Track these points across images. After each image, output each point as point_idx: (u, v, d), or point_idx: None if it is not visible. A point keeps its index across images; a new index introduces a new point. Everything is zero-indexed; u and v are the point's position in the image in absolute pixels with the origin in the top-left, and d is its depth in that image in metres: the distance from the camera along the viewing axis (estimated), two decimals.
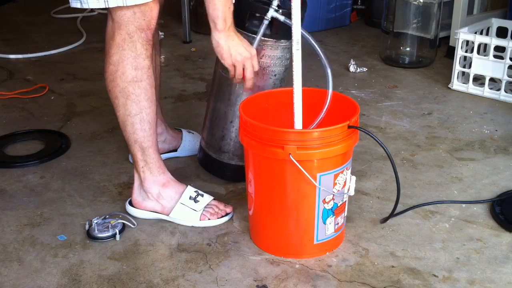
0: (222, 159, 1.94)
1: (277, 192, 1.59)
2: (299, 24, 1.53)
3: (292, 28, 1.53)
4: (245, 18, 1.74)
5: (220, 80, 1.86)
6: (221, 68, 1.83)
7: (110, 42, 1.65)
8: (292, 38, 1.54)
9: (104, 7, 1.59)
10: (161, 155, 1.83)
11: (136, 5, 1.59)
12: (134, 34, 1.62)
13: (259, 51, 1.76)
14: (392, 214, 1.73)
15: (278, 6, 1.72)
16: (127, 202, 1.83)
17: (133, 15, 1.60)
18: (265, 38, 1.74)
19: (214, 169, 1.99)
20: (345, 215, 1.68)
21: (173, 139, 2.13)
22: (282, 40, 1.76)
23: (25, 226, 1.78)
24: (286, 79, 1.85)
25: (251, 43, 1.73)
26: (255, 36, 1.74)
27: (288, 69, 1.84)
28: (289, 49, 1.79)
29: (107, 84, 1.68)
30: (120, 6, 1.58)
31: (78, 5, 1.61)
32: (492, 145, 2.24)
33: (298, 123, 1.59)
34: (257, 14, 1.73)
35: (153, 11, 1.63)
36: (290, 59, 1.81)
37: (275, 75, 1.81)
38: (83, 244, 1.70)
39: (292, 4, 1.51)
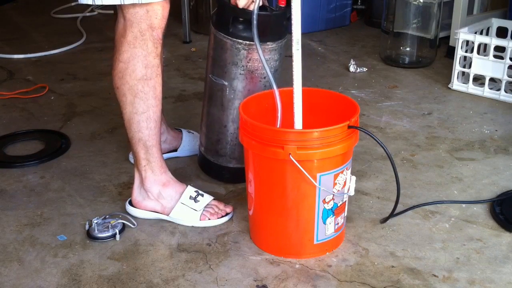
0: (220, 162, 1.94)
1: (277, 192, 1.59)
2: (299, 23, 1.53)
3: (292, 28, 1.53)
4: (229, 23, 1.74)
5: (211, 85, 1.87)
6: (211, 73, 1.84)
7: (120, 40, 1.65)
8: (292, 37, 1.54)
9: (119, 3, 1.59)
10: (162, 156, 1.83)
11: (149, 4, 1.59)
12: (146, 32, 1.63)
13: (246, 55, 1.76)
14: (392, 214, 1.74)
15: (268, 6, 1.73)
16: (127, 202, 1.83)
17: (146, 13, 1.61)
18: (251, 42, 1.72)
19: (213, 172, 1.99)
20: (345, 215, 1.68)
21: (173, 139, 2.13)
22: (268, 43, 1.76)
23: (25, 226, 1.78)
24: (277, 79, 1.84)
25: (237, 48, 1.73)
26: (240, 40, 1.73)
27: (278, 70, 1.83)
28: (277, 51, 1.79)
29: (115, 82, 1.68)
30: (133, 4, 1.59)
31: (90, 2, 1.61)
32: (492, 145, 2.24)
33: (298, 123, 1.59)
34: (241, 19, 1.73)
35: (165, 10, 1.64)
36: (279, 60, 1.81)
37: (264, 77, 1.80)
38: (83, 244, 1.70)
39: (292, 4, 1.51)
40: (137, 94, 1.67)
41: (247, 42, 1.74)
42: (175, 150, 2.14)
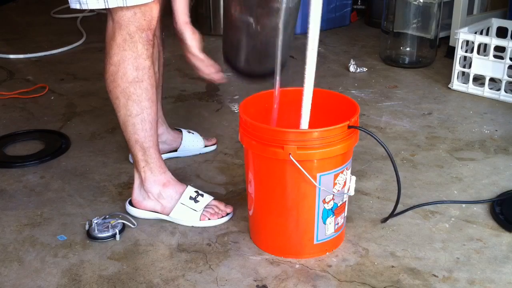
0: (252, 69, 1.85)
1: (277, 192, 1.59)
2: (318, 22, 1.52)
3: (309, 27, 1.51)
4: None
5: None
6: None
7: (110, 43, 1.65)
8: (308, 36, 1.52)
9: (103, 7, 1.58)
10: (161, 155, 1.83)
11: (136, 6, 1.59)
12: (135, 34, 1.62)
13: None
14: (392, 214, 1.74)
15: None
16: (127, 202, 1.83)
17: (134, 15, 1.60)
18: None
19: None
20: (345, 215, 1.68)
21: (173, 140, 2.13)
22: None
23: (25, 226, 1.78)
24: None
25: None
26: None
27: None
28: None
29: (108, 85, 1.68)
30: (120, 7, 1.58)
31: (78, 6, 1.61)
32: (492, 145, 2.24)
33: (304, 123, 1.58)
34: None
35: (154, 11, 1.63)
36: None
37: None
38: (83, 244, 1.70)
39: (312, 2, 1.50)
40: (130, 97, 1.66)
41: None
42: (175, 151, 2.14)
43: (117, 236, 1.70)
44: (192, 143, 2.16)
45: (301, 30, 3.64)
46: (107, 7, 1.59)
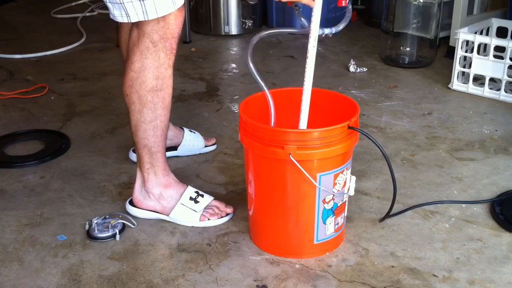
0: None
1: (277, 192, 1.59)
2: (318, 21, 1.53)
3: (311, 24, 1.52)
4: None
5: None
6: None
7: (133, 49, 1.63)
8: (310, 34, 1.52)
9: (127, 21, 1.58)
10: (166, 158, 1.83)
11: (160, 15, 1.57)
12: (158, 43, 1.61)
13: None
14: (389, 213, 1.74)
15: None
16: (127, 202, 1.83)
17: (157, 23, 1.59)
18: None
19: None
20: (345, 215, 1.68)
21: (174, 136, 2.13)
22: None
23: (25, 226, 1.78)
24: None
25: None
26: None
27: None
28: None
29: (125, 89, 1.67)
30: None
31: (112, 17, 1.61)
32: (492, 145, 2.24)
33: (303, 123, 1.59)
34: None
35: (178, 20, 1.61)
36: None
37: None
38: (83, 244, 1.70)
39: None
40: (146, 104, 1.66)
41: None
42: (175, 148, 2.14)
43: (117, 236, 1.70)
44: (193, 142, 2.16)
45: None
46: (130, 22, 1.58)
